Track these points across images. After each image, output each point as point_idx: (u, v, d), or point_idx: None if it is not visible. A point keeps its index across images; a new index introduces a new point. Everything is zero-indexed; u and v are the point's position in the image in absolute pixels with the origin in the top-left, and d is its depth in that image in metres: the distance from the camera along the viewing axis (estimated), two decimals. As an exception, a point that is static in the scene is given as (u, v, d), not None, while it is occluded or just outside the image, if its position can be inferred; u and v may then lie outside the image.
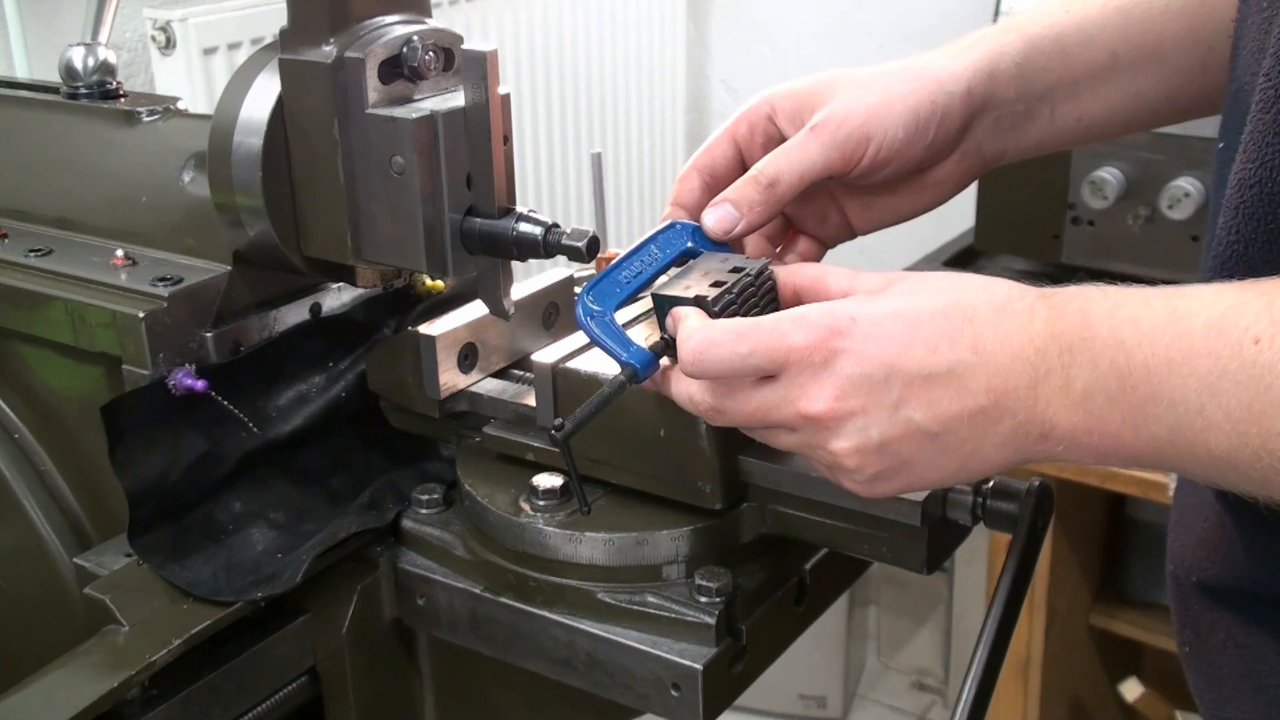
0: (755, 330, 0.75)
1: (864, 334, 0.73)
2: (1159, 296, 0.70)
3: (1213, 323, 0.66)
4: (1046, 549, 1.62)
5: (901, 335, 0.73)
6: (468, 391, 1.02)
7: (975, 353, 0.72)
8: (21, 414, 1.09)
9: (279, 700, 0.96)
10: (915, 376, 0.72)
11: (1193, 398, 0.66)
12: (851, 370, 0.73)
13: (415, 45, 0.92)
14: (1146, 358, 0.68)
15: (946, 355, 0.72)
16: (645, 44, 2.88)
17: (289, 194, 0.95)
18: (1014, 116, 0.94)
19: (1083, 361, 0.70)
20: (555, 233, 0.93)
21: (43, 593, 1.06)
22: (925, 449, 0.74)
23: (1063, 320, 0.71)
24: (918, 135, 0.89)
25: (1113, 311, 0.70)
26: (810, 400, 0.74)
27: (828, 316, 0.75)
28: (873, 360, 0.73)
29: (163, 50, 1.98)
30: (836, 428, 0.74)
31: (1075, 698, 2.48)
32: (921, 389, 0.72)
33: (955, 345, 0.72)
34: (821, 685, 2.93)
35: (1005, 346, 0.72)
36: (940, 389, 0.72)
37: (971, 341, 0.72)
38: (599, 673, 0.90)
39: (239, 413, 1.00)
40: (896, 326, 0.73)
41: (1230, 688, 0.84)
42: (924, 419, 0.73)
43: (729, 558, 0.91)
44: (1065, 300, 0.72)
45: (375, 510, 1.00)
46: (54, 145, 1.19)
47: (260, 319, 1.03)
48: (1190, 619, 0.87)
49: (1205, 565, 0.84)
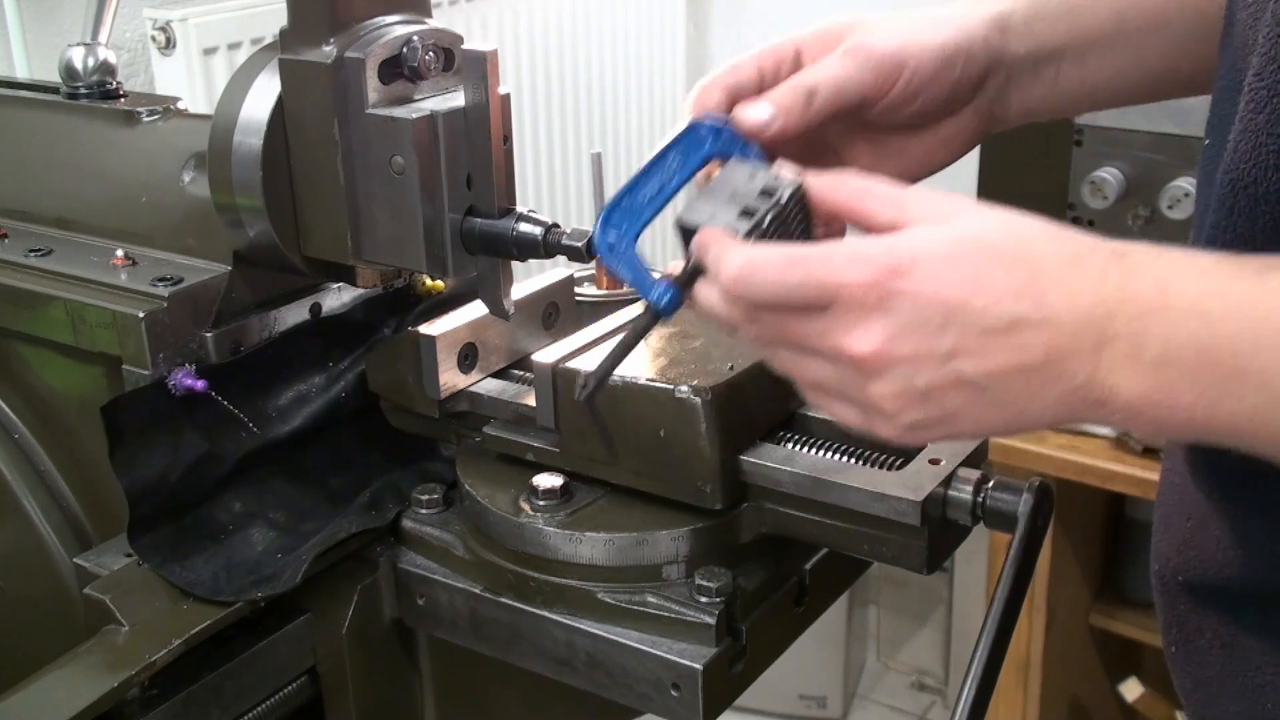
0: (806, 260, 0.70)
1: (924, 276, 0.68)
2: (1247, 267, 0.66)
3: None
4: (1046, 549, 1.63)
5: (963, 282, 0.68)
6: (468, 391, 1.02)
7: (1039, 309, 0.67)
8: (21, 414, 1.09)
9: (279, 700, 0.96)
10: (972, 328, 0.68)
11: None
12: (907, 315, 0.69)
13: (415, 45, 0.92)
14: (1233, 332, 0.64)
15: (1009, 309, 0.68)
16: (645, 44, 2.88)
17: (289, 194, 0.95)
18: (1022, 73, 0.92)
19: (1156, 330, 0.66)
20: (555, 233, 0.93)
21: (43, 593, 1.06)
22: (972, 402, 0.70)
23: (1137, 284, 0.67)
24: (946, 70, 0.87)
25: (1196, 281, 0.66)
26: (856, 340, 0.70)
27: (887, 255, 0.69)
28: (930, 307, 0.68)
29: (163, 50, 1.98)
30: (880, 372, 0.70)
31: (1075, 698, 2.48)
32: (977, 341, 0.68)
33: (1019, 299, 0.68)
34: (821, 685, 2.93)
35: (1072, 306, 0.67)
36: (997, 343, 0.68)
37: (1036, 297, 0.68)
38: (599, 673, 0.90)
39: (239, 413, 1.00)
40: (959, 272, 0.68)
41: (1217, 688, 0.84)
42: (975, 372, 0.69)
43: (729, 558, 0.91)
44: (1142, 264, 0.68)
45: (375, 510, 1.00)
46: (54, 145, 1.19)
47: (260, 319, 1.03)
48: (1176, 619, 0.87)
49: (1190, 565, 0.84)
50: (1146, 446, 2.04)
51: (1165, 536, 0.88)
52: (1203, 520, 0.82)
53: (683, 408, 0.89)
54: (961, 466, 0.88)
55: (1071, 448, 2.09)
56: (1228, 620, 0.82)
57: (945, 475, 0.87)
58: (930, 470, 0.88)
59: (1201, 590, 0.84)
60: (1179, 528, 0.85)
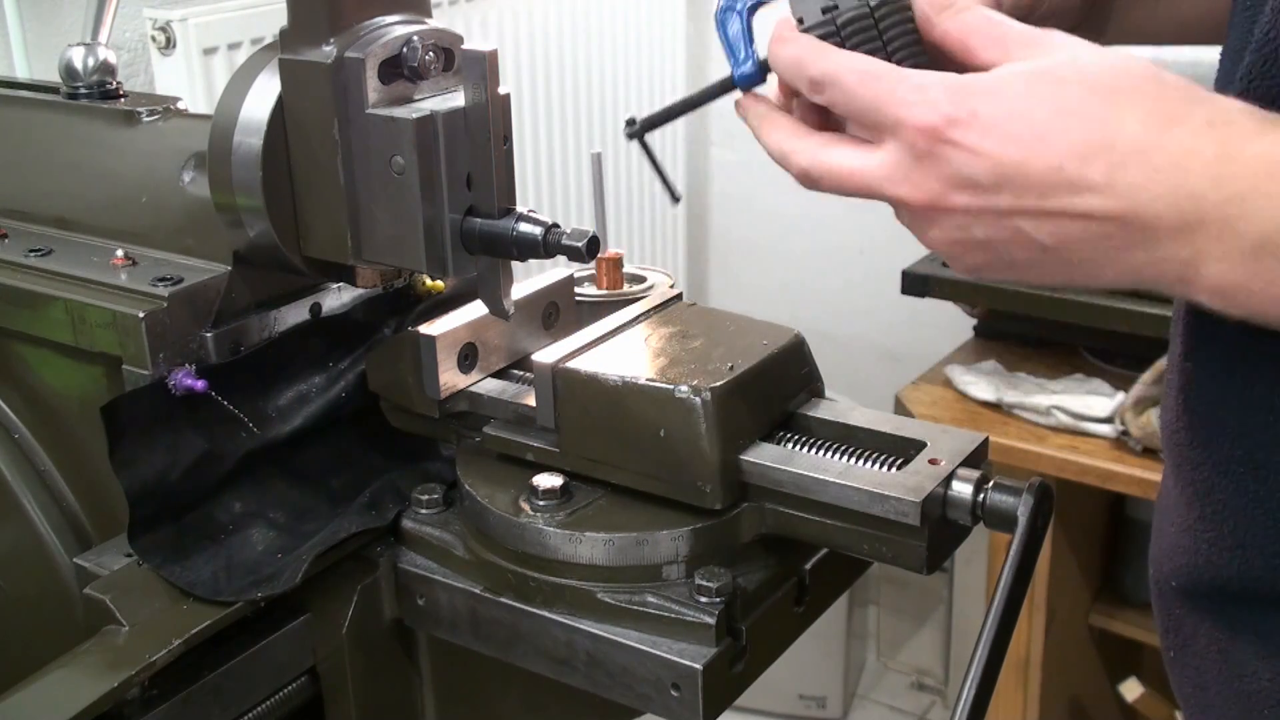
0: (876, 79, 0.68)
1: (983, 130, 0.65)
2: None
3: None
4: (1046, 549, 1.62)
5: (1023, 140, 0.64)
6: (468, 391, 1.02)
7: (1109, 177, 0.63)
8: (21, 414, 1.09)
9: (279, 700, 0.96)
10: (1030, 190, 0.64)
11: None
12: (960, 168, 0.65)
13: (415, 45, 0.92)
14: None
15: (1074, 172, 0.63)
16: (645, 44, 2.88)
17: (289, 194, 0.95)
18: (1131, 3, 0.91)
19: (1257, 214, 0.60)
20: (555, 233, 0.93)
21: (43, 593, 1.06)
22: (1036, 257, 0.67)
23: (1235, 164, 0.61)
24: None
25: None
26: (910, 187, 0.67)
27: (948, 102, 0.66)
28: (985, 163, 0.65)
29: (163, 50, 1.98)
30: (934, 220, 0.68)
31: (1075, 698, 2.48)
32: (1036, 203, 0.64)
33: (1086, 161, 0.63)
34: (821, 685, 2.93)
35: (1150, 184, 0.62)
36: (1060, 206, 0.64)
37: (1110, 164, 0.63)
38: (599, 673, 0.90)
39: (239, 413, 1.00)
40: (1021, 130, 0.64)
41: (1214, 692, 0.83)
42: (1036, 232, 0.65)
43: (729, 558, 0.91)
44: (1242, 139, 0.62)
45: (375, 510, 1.00)
46: (54, 145, 1.19)
47: (260, 319, 1.03)
48: (1173, 623, 0.87)
49: (1185, 569, 0.84)
50: (1146, 446, 2.04)
51: (1159, 540, 0.88)
52: (1196, 525, 0.82)
53: (683, 408, 0.89)
54: (961, 466, 0.88)
55: (1071, 448, 2.09)
56: (1222, 625, 0.82)
57: (945, 475, 0.87)
58: (930, 470, 0.88)
59: (1197, 595, 0.83)
60: (1169, 532, 0.85)
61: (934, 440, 0.91)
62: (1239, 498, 0.78)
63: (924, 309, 2.44)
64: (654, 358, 0.94)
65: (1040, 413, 2.15)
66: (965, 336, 2.46)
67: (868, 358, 3.09)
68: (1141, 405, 2.03)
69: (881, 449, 0.92)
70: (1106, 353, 2.28)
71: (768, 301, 3.19)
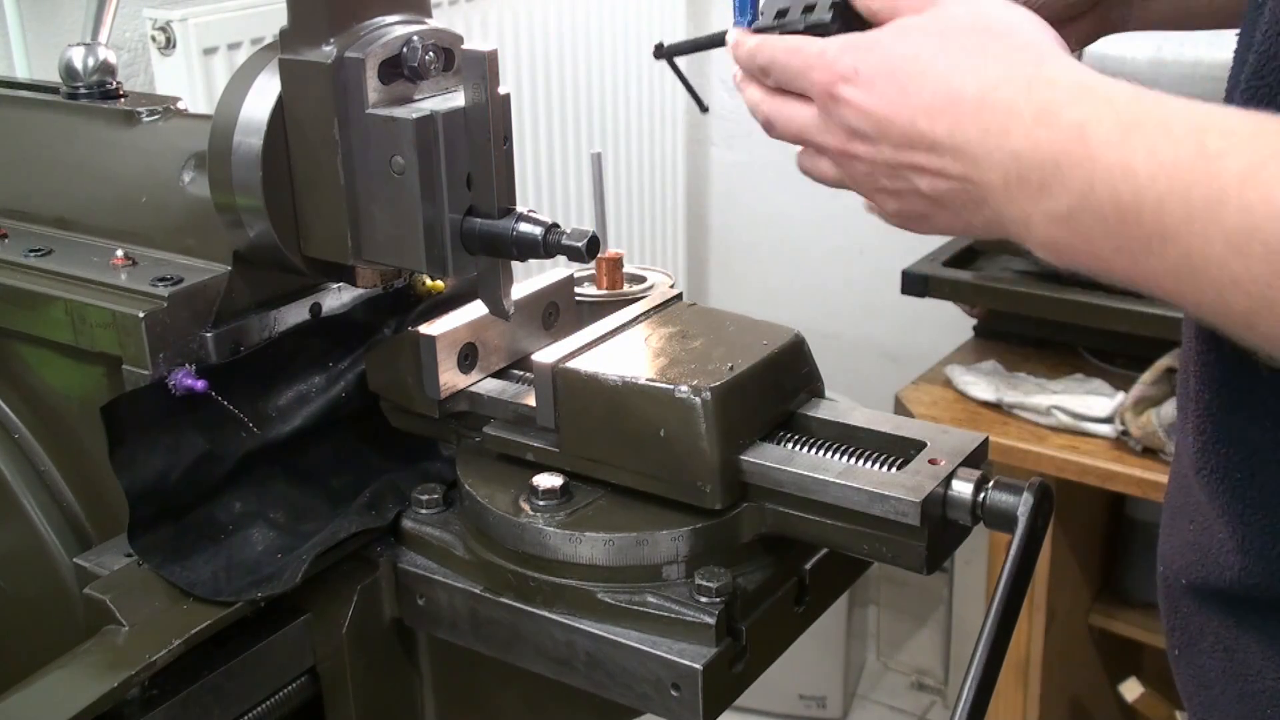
0: (797, 51, 0.79)
1: (864, 86, 0.74)
2: (1182, 122, 0.62)
3: (1250, 171, 0.59)
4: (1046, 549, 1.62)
5: (890, 98, 0.73)
6: (468, 391, 1.02)
7: (951, 141, 0.70)
8: (21, 414, 1.09)
9: (279, 700, 0.96)
10: (901, 143, 0.72)
11: (1215, 250, 0.59)
12: (849, 120, 0.75)
13: (415, 45, 0.92)
14: (1161, 195, 0.61)
15: (925, 129, 0.71)
16: (645, 44, 2.88)
17: (289, 194, 0.95)
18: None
19: (1071, 182, 0.65)
20: (555, 233, 0.93)
21: (43, 593, 1.06)
22: (931, 207, 0.74)
23: (1052, 130, 0.66)
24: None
25: (1124, 137, 0.63)
26: (828, 136, 0.77)
27: (839, 61, 0.75)
28: (866, 118, 0.74)
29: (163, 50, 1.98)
30: (848, 166, 0.77)
31: (1075, 698, 2.48)
32: (908, 156, 0.73)
33: (934, 120, 0.71)
34: (821, 685, 2.93)
35: (981, 144, 0.69)
36: (925, 161, 0.72)
37: (949, 128, 0.71)
38: (599, 673, 0.90)
39: (239, 413, 1.00)
40: (889, 86, 0.73)
41: (1218, 691, 0.83)
42: (919, 183, 0.73)
43: (729, 558, 0.91)
44: (1060, 104, 0.66)
45: (375, 510, 1.00)
46: (54, 145, 1.19)
47: (260, 319, 1.03)
48: (1179, 622, 0.87)
49: (1194, 568, 0.84)
50: (1146, 446, 2.03)
51: (1170, 539, 0.87)
52: (1206, 524, 0.82)
53: (683, 408, 0.89)
54: (961, 466, 0.88)
55: (1071, 448, 2.09)
56: (1229, 625, 0.82)
57: (945, 475, 0.87)
58: (930, 470, 0.88)
59: (1204, 594, 0.83)
60: (1183, 531, 0.85)
61: (934, 440, 0.91)
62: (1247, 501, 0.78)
63: (924, 309, 2.44)
64: (654, 358, 0.94)
65: (1040, 413, 2.15)
66: (965, 336, 2.46)
67: (868, 358, 3.09)
68: (1141, 405, 2.03)
69: (881, 449, 0.92)
70: (1106, 353, 2.28)
71: (768, 301, 3.19)
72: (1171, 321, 2.09)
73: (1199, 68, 2.03)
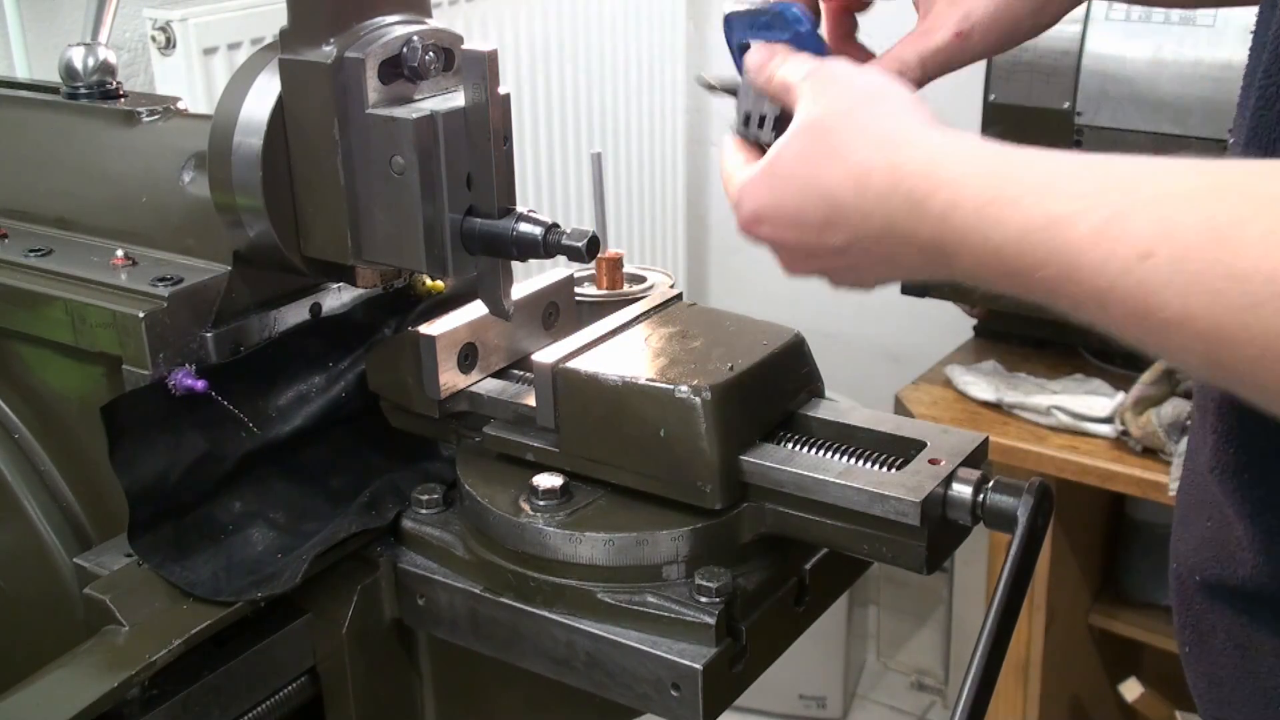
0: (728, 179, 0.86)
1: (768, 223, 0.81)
2: (1033, 191, 0.67)
3: (1096, 233, 0.63)
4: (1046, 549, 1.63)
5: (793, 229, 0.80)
6: (468, 391, 1.02)
7: (854, 242, 0.76)
8: (21, 414, 1.09)
9: (279, 700, 0.96)
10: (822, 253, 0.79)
11: (1085, 303, 0.64)
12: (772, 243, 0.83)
13: (415, 45, 0.92)
14: (1029, 265, 0.66)
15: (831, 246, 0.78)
16: (645, 44, 2.88)
17: (289, 194, 0.95)
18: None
19: (962, 256, 0.70)
20: (555, 233, 0.93)
21: (43, 593, 1.06)
22: (849, 271, 0.81)
23: (925, 222, 0.72)
24: None
25: (979, 213, 0.69)
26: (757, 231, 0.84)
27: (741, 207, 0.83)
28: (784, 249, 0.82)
29: (163, 50, 1.98)
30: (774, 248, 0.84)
31: (1075, 698, 2.48)
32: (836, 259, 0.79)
33: (831, 237, 0.77)
34: (821, 685, 2.93)
35: (878, 237, 0.75)
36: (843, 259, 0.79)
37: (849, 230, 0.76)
38: (599, 673, 0.90)
39: (239, 413, 1.00)
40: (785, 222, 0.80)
41: (1230, 688, 0.84)
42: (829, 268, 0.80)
43: (729, 558, 0.91)
44: (927, 194, 0.72)
45: (375, 510, 1.00)
46: (54, 145, 1.19)
47: (260, 319, 1.03)
48: (1191, 618, 0.87)
49: (1208, 564, 0.84)
50: (1146, 446, 2.03)
51: (1184, 535, 0.87)
52: (1224, 521, 0.82)
53: (683, 408, 0.89)
54: (961, 466, 0.88)
55: (1071, 448, 2.09)
56: (1243, 622, 0.82)
57: (945, 475, 0.87)
58: (930, 470, 0.88)
59: (1219, 590, 0.83)
60: (1199, 527, 0.85)
61: (934, 440, 0.91)
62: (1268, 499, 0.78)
63: (924, 309, 2.44)
64: (654, 358, 0.94)
65: (1040, 413, 2.15)
66: (965, 336, 2.46)
67: (868, 358, 3.09)
68: (1141, 405, 2.03)
69: (881, 449, 0.92)
70: (1106, 353, 2.28)
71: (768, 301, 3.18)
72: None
73: (1199, 67, 2.03)
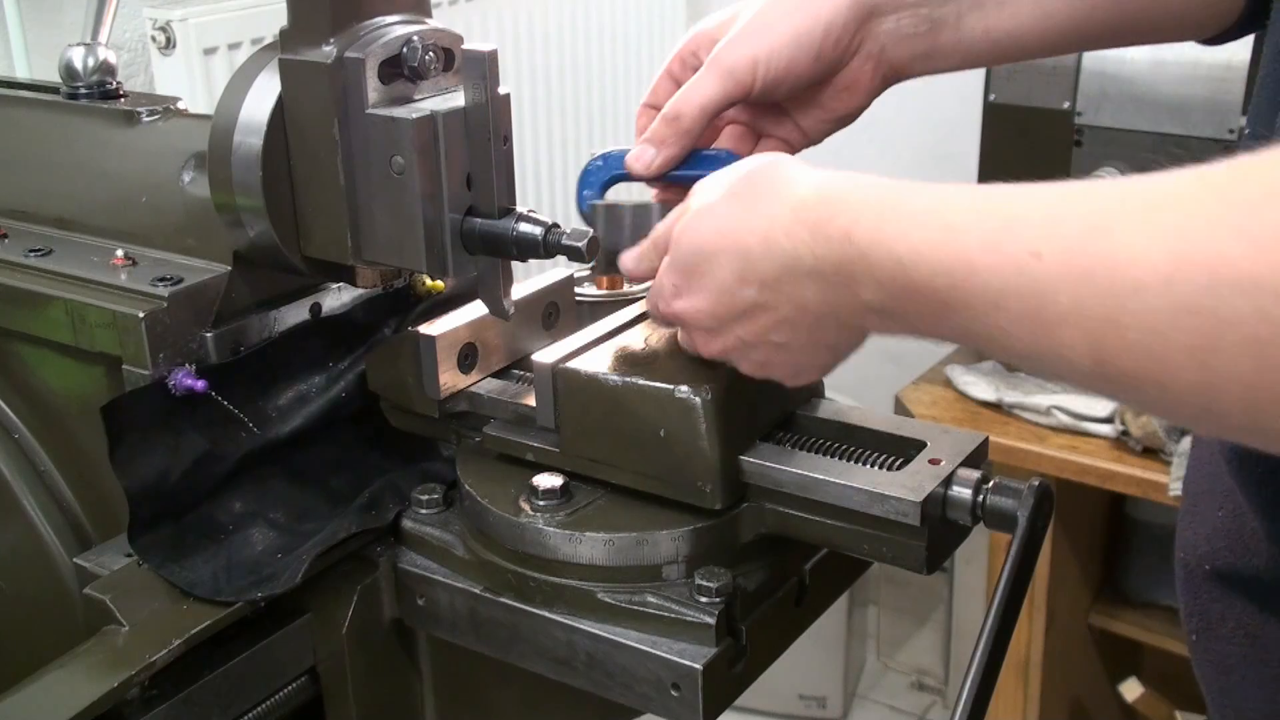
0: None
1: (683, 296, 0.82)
2: (926, 208, 0.69)
3: (989, 238, 0.65)
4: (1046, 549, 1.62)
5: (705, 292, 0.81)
6: (468, 391, 1.02)
7: (768, 289, 0.77)
8: (21, 414, 1.09)
9: (279, 700, 0.96)
10: (726, 310, 0.80)
11: (981, 308, 0.66)
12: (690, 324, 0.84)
13: (415, 45, 0.92)
14: (928, 275, 0.68)
15: (744, 297, 0.78)
16: (645, 44, 2.88)
17: (289, 194, 0.95)
18: (916, 23, 0.95)
19: (865, 279, 0.71)
20: (555, 233, 0.93)
21: (43, 593, 1.06)
22: (777, 354, 0.81)
23: (830, 245, 0.73)
24: (802, 52, 0.93)
25: (878, 228, 0.70)
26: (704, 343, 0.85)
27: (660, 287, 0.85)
28: (697, 315, 0.82)
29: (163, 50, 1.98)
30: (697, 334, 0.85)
31: (1075, 698, 2.48)
32: (737, 321, 0.80)
33: (745, 283, 0.78)
34: (821, 685, 2.93)
35: (792, 277, 0.75)
36: (752, 320, 0.79)
37: (759, 279, 0.77)
38: (599, 673, 0.90)
39: (239, 413, 1.00)
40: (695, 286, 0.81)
41: (1239, 676, 0.84)
42: (771, 337, 0.80)
43: (729, 558, 0.91)
44: (827, 219, 0.73)
45: (375, 510, 1.00)
46: (54, 145, 1.19)
47: (260, 319, 1.03)
48: (1199, 607, 0.87)
49: (1220, 553, 0.84)
50: (1146, 446, 2.04)
51: (1193, 525, 0.87)
52: (1239, 512, 0.82)
53: (683, 408, 0.89)
54: (961, 466, 0.88)
55: (1071, 448, 2.10)
56: (1253, 610, 0.82)
57: (945, 475, 0.87)
58: (930, 470, 0.88)
59: (1232, 580, 0.84)
60: (1210, 517, 0.85)
61: (934, 440, 0.91)
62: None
63: (924, 309, 2.43)
64: (654, 358, 0.94)
65: (1040, 413, 2.15)
66: (965, 336, 2.46)
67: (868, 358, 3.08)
68: (1141, 405, 2.03)
69: (881, 449, 0.92)
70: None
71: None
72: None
73: (1199, 67, 2.03)
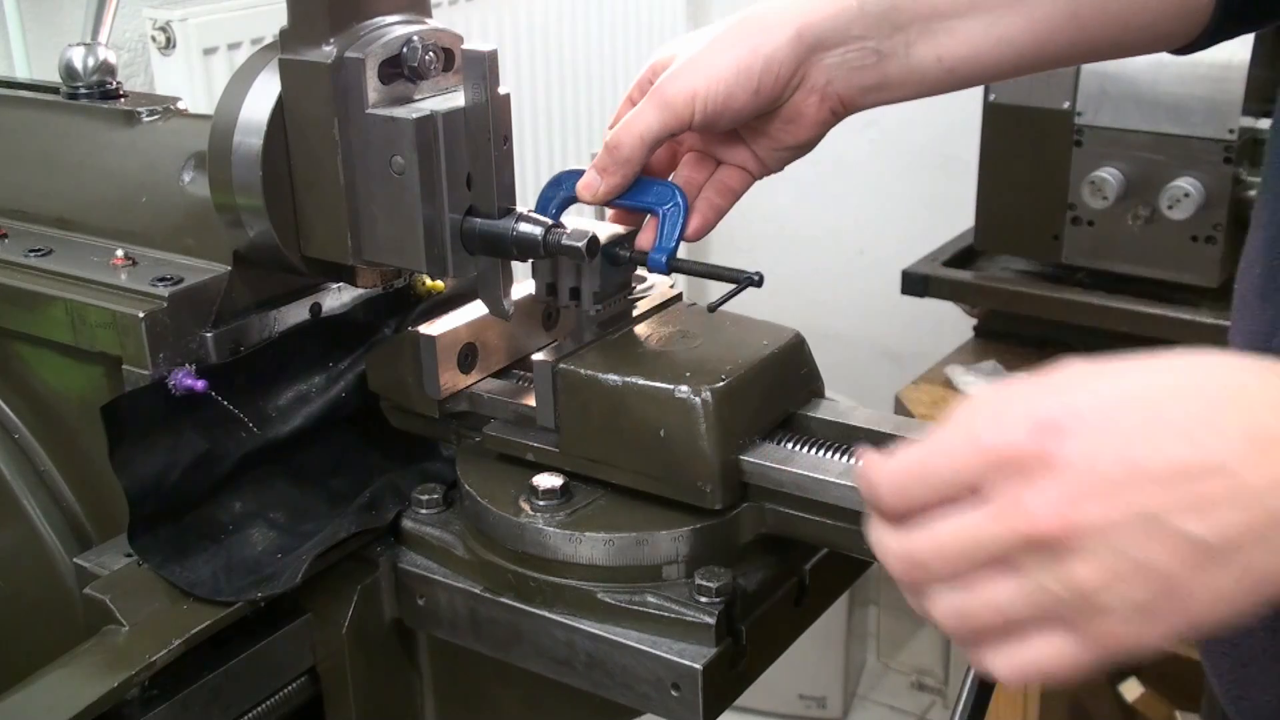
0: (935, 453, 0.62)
1: (1094, 426, 0.58)
2: None
3: None
4: (1046, 549, 1.62)
5: (1144, 425, 0.57)
6: (468, 391, 1.02)
7: (1252, 441, 0.56)
8: (21, 414, 1.09)
9: (279, 700, 0.96)
10: (1170, 475, 0.56)
11: None
12: (1082, 471, 0.57)
13: (415, 45, 0.92)
14: None
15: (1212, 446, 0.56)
16: (645, 44, 2.88)
17: (289, 194, 0.95)
18: (862, 56, 0.93)
19: None
20: (555, 233, 0.93)
21: (43, 593, 1.06)
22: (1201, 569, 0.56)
23: None
24: (740, 87, 0.91)
25: None
26: (1031, 516, 0.57)
27: (1037, 409, 0.59)
28: (1110, 458, 0.57)
29: (163, 50, 1.98)
30: (1075, 546, 0.57)
31: (1075, 698, 2.47)
32: (1183, 490, 0.56)
33: (1221, 433, 0.56)
34: (821, 685, 2.93)
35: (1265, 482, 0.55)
36: (1210, 490, 0.56)
37: (1246, 426, 0.56)
38: (599, 673, 0.90)
39: (239, 413, 1.00)
40: (1134, 415, 0.58)
41: (1257, 669, 0.83)
42: (1194, 528, 0.56)
43: (729, 558, 0.91)
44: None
45: (375, 510, 1.00)
46: (54, 145, 1.19)
47: (260, 319, 1.03)
48: None
49: None
50: (1146, 446, 2.03)
51: None
52: None
53: (683, 408, 0.89)
54: (961, 466, 0.88)
55: (1071, 448, 2.09)
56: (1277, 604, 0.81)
57: (945, 475, 0.87)
58: (930, 470, 0.87)
59: None
60: None
61: (934, 440, 0.91)
62: None
63: (924, 309, 2.44)
64: (654, 358, 0.94)
65: (1040, 413, 2.14)
66: (965, 336, 2.46)
67: (868, 358, 3.09)
68: (1142, 405, 2.03)
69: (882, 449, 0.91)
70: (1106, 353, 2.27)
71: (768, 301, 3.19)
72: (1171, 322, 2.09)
73: (1199, 68, 2.03)
